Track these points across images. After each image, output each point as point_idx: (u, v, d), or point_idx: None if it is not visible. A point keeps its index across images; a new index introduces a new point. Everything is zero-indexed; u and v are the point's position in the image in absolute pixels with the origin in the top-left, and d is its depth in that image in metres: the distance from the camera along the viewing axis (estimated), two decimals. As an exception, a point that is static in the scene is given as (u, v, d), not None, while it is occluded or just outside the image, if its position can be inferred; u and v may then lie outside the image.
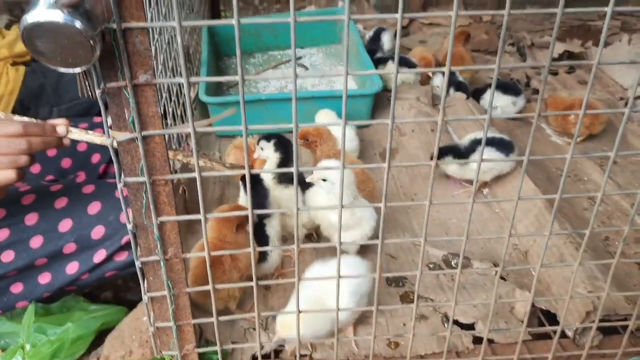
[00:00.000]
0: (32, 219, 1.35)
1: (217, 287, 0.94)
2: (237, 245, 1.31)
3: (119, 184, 0.82)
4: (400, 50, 2.89)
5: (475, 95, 2.40)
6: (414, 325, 1.08)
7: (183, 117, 1.97)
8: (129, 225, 0.88)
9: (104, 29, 0.68)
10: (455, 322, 1.38)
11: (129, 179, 0.83)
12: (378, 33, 2.85)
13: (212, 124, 1.33)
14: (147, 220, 0.88)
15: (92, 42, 0.65)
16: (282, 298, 1.47)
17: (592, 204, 1.86)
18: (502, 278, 1.54)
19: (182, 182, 1.65)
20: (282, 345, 1.33)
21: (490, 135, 1.84)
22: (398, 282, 1.54)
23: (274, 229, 1.46)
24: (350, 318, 1.33)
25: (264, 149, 1.62)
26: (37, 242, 1.35)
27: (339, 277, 0.96)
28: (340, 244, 0.93)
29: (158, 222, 0.88)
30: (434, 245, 1.67)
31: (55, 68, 0.68)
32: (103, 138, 1.08)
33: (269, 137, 1.62)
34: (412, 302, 1.30)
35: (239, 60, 0.69)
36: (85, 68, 0.68)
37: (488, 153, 1.82)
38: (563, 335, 1.34)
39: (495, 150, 1.83)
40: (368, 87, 2.23)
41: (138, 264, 0.93)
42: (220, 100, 2.15)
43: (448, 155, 1.84)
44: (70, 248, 1.36)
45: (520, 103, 2.32)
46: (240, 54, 0.69)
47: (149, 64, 0.74)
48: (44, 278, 1.40)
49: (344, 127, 0.80)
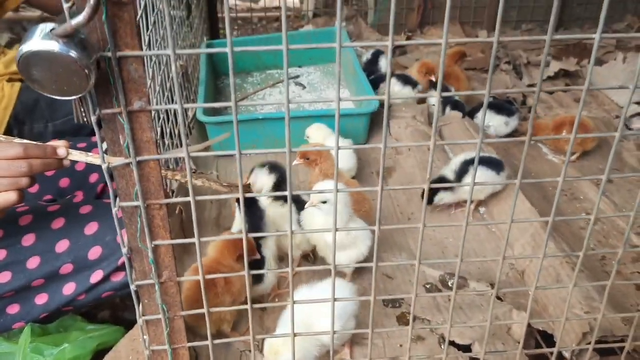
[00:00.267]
0: (29, 240, 1.36)
1: (211, 310, 0.94)
2: (231, 269, 1.31)
3: (114, 208, 0.82)
4: (398, 70, 2.91)
5: (471, 114, 2.42)
6: (410, 347, 1.08)
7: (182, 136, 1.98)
8: (124, 249, 0.88)
9: (99, 57, 0.69)
10: (452, 343, 1.38)
11: (124, 204, 0.84)
12: (376, 56, 2.86)
13: (206, 148, 1.34)
14: (141, 244, 0.89)
15: (87, 70, 0.66)
16: (278, 319, 1.47)
17: (588, 223, 1.86)
18: (499, 298, 1.54)
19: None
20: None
21: (480, 155, 1.84)
22: (395, 303, 1.54)
23: (270, 250, 1.46)
24: (339, 341, 1.33)
25: (258, 176, 1.63)
26: (34, 262, 1.35)
27: (334, 299, 0.97)
28: (335, 267, 0.93)
29: (152, 245, 0.88)
30: (431, 265, 1.67)
31: (51, 96, 0.69)
32: None
33: (261, 165, 1.65)
34: (408, 322, 1.29)
35: (233, 87, 0.70)
36: (80, 96, 0.69)
37: (479, 172, 1.82)
38: (560, 357, 1.33)
39: (487, 169, 1.84)
40: (364, 106, 2.25)
41: (133, 287, 0.93)
42: (218, 120, 2.16)
43: (439, 193, 1.85)
44: (67, 269, 1.37)
45: (513, 123, 2.33)
46: (234, 81, 0.70)
47: (144, 91, 0.75)
48: (41, 299, 1.40)
49: (337, 151, 0.81)
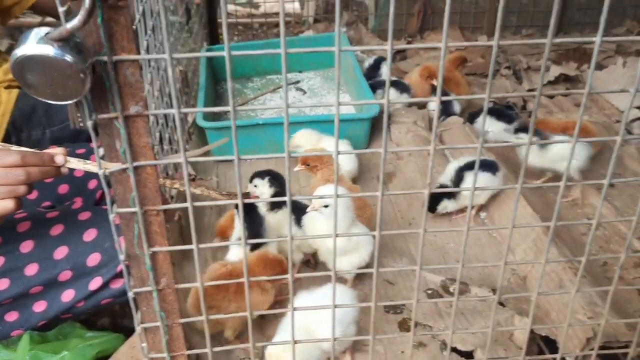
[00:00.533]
0: (27, 247, 1.35)
1: (210, 317, 0.93)
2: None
3: (111, 215, 0.81)
4: (398, 75, 2.91)
5: (471, 119, 2.41)
6: (412, 354, 1.07)
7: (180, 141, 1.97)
8: (121, 256, 0.87)
9: (95, 61, 0.69)
10: (454, 349, 1.37)
11: (121, 210, 0.83)
12: (378, 62, 2.83)
13: (204, 153, 1.34)
14: (139, 251, 0.88)
15: (82, 74, 0.65)
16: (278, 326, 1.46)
17: (589, 229, 1.85)
18: (501, 304, 1.52)
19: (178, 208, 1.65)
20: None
21: (473, 159, 1.83)
22: (396, 309, 1.53)
23: (271, 255, 1.45)
24: (340, 347, 1.32)
25: (258, 186, 1.62)
26: (32, 270, 1.34)
27: (335, 306, 0.95)
28: (336, 273, 0.92)
29: (150, 252, 0.87)
30: (432, 271, 1.65)
31: (46, 101, 0.68)
32: None
33: (262, 174, 1.64)
34: (410, 329, 1.28)
35: (231, 91, 0.69)
36: (76, 100, 0.68)
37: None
38: (563, 363, 1.32)
39: (482, 172, 1.82)
40: (365, 111, 2.24)
41: (131, 295, 0.92)
42: (218, 125, 2.16)
43: (442, 202, 1.84)
44: (66, 276, 1.35)
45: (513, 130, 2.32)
46: (232, 85, 0.69)
47: (140, 96, 0.74)
48: (39, 306, 1.38)
49: (337, 155, 0.80)
